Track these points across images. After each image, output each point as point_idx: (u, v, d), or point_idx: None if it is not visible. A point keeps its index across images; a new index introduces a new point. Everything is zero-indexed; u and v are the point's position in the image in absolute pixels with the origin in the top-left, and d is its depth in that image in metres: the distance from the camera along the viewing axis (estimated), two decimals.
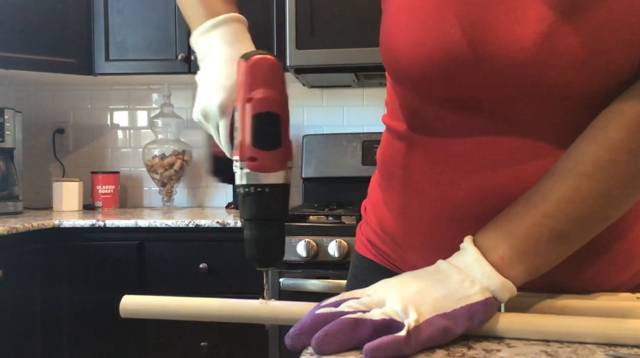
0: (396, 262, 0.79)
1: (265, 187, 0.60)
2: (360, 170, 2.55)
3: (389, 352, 0.51)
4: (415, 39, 0.62)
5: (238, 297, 0.65)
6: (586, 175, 0.58)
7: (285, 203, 0.62)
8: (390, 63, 0.67)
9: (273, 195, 0.60)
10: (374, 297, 0.57)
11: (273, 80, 0.61)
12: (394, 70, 0.68)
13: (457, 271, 0.58)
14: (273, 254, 0.62)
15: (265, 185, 0.60)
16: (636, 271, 0.69)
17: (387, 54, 0.67)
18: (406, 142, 0.73)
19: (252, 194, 0.60)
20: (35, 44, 2.41)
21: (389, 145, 0.77)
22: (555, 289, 0.65)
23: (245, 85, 0.60)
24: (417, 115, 0.70)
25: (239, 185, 0.61)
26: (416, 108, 0.70)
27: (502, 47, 0.59)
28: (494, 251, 0.59)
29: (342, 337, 0.53)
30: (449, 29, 0.60)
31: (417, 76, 0.63)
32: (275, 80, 0.61)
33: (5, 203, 2.43)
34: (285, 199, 0.62)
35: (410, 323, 0.53)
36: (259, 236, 0.61)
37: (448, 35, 0.60)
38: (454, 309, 0.55)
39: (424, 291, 0.56)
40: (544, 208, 0.59)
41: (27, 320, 2.12)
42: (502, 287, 0.57)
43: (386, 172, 0.78)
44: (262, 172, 0.60)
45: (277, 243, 0.62)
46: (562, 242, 0.60)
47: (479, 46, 0.59)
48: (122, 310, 0.65)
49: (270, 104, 0.60)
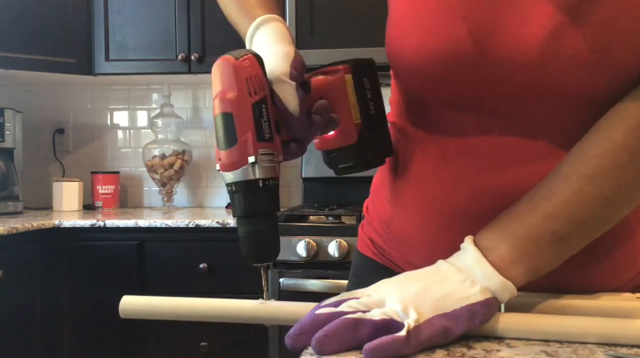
0: (398, 261, 0.79)
1: (233, 185, 0.61)
2: None
3: (389, 352, 0.51)
4: (421, 37, 0.62)
5: (238, 297, 0.65)
6: (589, 177, 0.58)
7: (272, 197, 0.62)
8: (396, 61, 0.67)
9: (251, 191, 0.61)
10: (374, 297, 0.57)
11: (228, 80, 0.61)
12: (399, 68, 0.68)
13: (457, 271, 0.58)
14: (266, 249, 0.62)
15: (233, 183, 0.61)
16: (637, 272, 0.69)
17: (392, 51, 0.67)
18: (409, 140, 0.73)
19: (234, 192, 0.61)
20: (35, 44, 2.41)
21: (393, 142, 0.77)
22: (555, 290, 0.65)
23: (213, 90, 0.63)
24: (421, 113, 0.70)
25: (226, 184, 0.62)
26: (420, 107, 0.70)
27: (508, 46, 0.59)
28: (494, 251, 0.59)
29: (342, 337, 0.53)
30: (455, 28, 0.60)
31: (422, 74, 0.63)
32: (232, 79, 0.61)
33: (5, 203, 2.43)
34: (269, 193, 0.62)
35: (410, 323, 0.52)
36: (248, 232, 0.61)
37: (454, 33, 0.60)
38: (454, 309, 0.55)
39: (424, 291, 0.56)
40: (545, 210, 0.59)
41: (27, 320, 2.12)
42: (502, 288, 0.57)
43: (388, 171, 0.78)
44: (225, 171, 0.61)
45: (268, 238, 0.62)
46: (564, 243, 0.59)
47: (485, 45, 0.59)
48: (121, 311, 0.65)
49: (225, 105, 0.61)
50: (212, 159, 2.84)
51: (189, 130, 2.82)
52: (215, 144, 0.62)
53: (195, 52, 2.44)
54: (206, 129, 2.85)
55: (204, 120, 2.85)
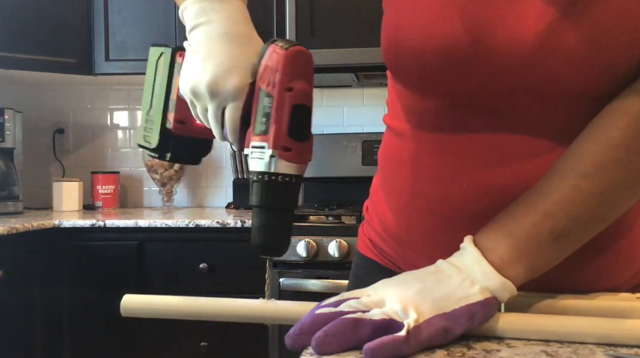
0: (397, 262, 0.79)
1: (293, 177, 0.61)
2: (360, 170, 2.56)
3: (388, 352, 0.51)
4: (418, 35, 0.62)
5: (238, 297, 0.65)
6: (586, 175, 0.58)
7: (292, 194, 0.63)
8: (392, 59, 0.67)
9: (295, 185, 0.61)
10: (374, 297, 0.57)
11: (309, 74, 0.62)
12: (395, 67, 0.68)
13: (457, 271, 0.58)
14: (281, 243, 0.63)
15: (293, 175, 0.61)
16: (636, 271, 0.69)
17: (388, 49, 0.67)
18: (406, 140, 0.73)
19: (275, 182, 0.60)
20: (35, 44, 2.41)
21: (390, 144, 0.77)
22: (554, 288, 0.65)
23: (284, 74, 0.60)
24: (418, 113, 0.70)
25: (261, 172, 0.61)
26: (417, 106, 0.70)
27: (505, 43, 0.59)
28: (494, 251, 0.59)
29: (342, 337, 0.53)
30: (451, 25, 0.60)
31: (417, 72, 0.63)
32: (311, 74, 0.62)
33: (5, 203, 2.43)
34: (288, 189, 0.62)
35: (410, 323, 0.52)
36: (270, 224, 0.61)
37: (451, 31, 0.60)
38: (454, 309, 0.55)
39: (424, 291, 0.56)
40: (544, 208, 0.59)
41: (27, 320, 2.12)
42: (502, 287, 0.57)
43: (387, 171, 0.78)
44: (293, 163, 0.60)
45: (286, 233, 0.63)
46: (563, 241, 0.59)
47: (482, 43, 0.59)
48: (122, 309, 0.65)
49: (307, 97, 0.61)
50: (212, 159, 2.85)
51: None
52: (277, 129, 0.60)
53: None
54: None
55: None
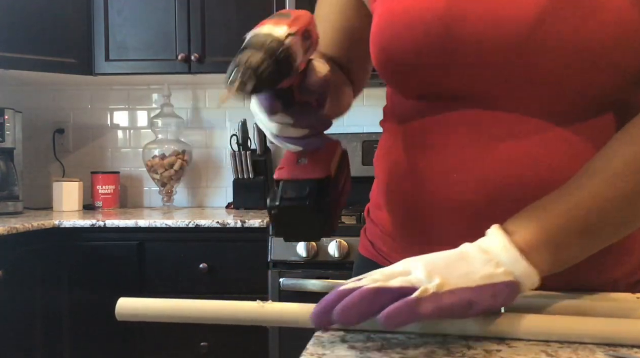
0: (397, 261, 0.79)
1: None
2: (360, 170, 2.55)
3: (402, 316, 0.51)
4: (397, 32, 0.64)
5: (238, 297, 0.65)
6: (618, 174, 0.59)
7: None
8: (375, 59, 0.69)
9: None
10: (398, 268, 0.56)
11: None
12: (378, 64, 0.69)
13: (483, 253, 0.57)
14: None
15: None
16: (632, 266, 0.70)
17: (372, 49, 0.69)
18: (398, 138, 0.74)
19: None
20: (35, 44, 2.41)
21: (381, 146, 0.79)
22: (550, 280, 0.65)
23: None
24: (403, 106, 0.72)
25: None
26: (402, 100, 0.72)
27: (497, 32, 0.60)
28: (519, 235, 0.58)
29: (361, 307, 0.52)
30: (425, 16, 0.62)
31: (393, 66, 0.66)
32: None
33: (5, 203, 2.43)
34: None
35: (428, 288, 0.52)
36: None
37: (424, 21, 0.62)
38: (478, 285, 0.55)
39: (450, 266, 0.56)
40: (574, 202, 0.59)
41: (27, 320, 2.12)
42: (526, 273, 0.57)
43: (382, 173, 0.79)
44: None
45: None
46: (591, 238, 0.60)
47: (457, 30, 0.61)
48: (118, 313, 0.65)
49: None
50: (212, 159, 2.85)
51: (189, 130, 2.82)
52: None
53: (195, 52, 2.44)
54: (206, 129, 2.85)
55: (204, 120, 2.85)
